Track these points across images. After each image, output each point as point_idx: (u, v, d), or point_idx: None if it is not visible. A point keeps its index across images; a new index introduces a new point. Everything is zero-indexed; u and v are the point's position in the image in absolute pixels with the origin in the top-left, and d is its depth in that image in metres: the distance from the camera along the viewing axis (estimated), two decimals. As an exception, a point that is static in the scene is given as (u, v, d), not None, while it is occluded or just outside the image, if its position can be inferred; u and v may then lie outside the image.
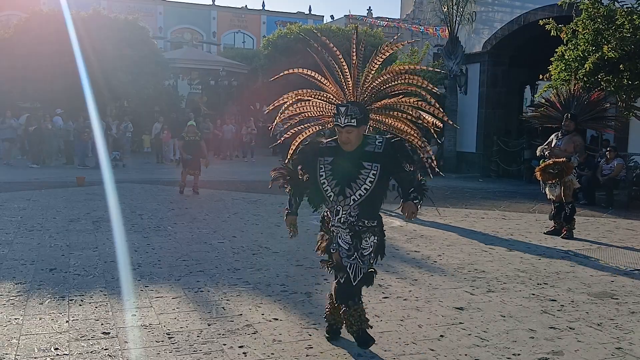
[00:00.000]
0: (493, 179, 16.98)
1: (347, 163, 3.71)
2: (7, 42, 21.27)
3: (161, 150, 20.40)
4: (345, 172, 3.72)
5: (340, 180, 3.72)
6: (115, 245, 6.91)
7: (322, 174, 3.78)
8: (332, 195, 3.75)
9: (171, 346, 3.87)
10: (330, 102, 3.92)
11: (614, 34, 10.29)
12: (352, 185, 3.70)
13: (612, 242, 7.94)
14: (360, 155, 3.71)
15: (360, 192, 3.69)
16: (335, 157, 3.76)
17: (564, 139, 8.16)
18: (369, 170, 3.69)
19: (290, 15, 42.42)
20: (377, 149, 3.70)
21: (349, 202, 3.71)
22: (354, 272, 3.75)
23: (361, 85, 3.80)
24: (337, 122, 3.68)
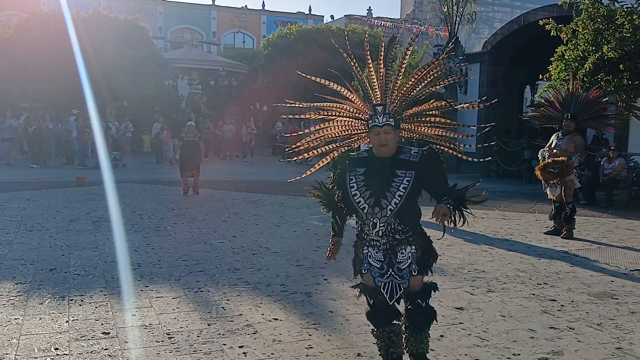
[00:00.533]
0: (493, 179, 16.98)
1: (380, 171, 3.47)
2: (7, 42, 21.28)
3: (161, 150, 20.41)
4: (379, 181, 3.46)
5: (374, 191, 3.44)
6: (115, 245, 6.91)
7: (354, 185, 3.48)
8: (366, 207, 3.45)
9: (171, 346, 3.87)
10: (355, 118, 3.61)
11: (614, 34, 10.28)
12: (387, 194, 3.42)
13: (612, 242, 7.94)
14: (393, 163, 3.48)
15: (396, 200, 3.41)
16: (367, 167, 3.50)
17: (565, 139, 8.14)
18: (402, 177, 3.45)
19: (290, 15, 42.42)
20: (413, 158, 3.49)
21: (386, 213, 3.42)
22: (389, 292, 3.45)
23: (390, 93, 3.52)
24: (375, 122, 3.44)
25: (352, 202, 3.49)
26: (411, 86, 3.56)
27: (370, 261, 3.48)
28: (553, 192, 8.20)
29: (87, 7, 24.14)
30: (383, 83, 3.51)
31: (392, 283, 3.44)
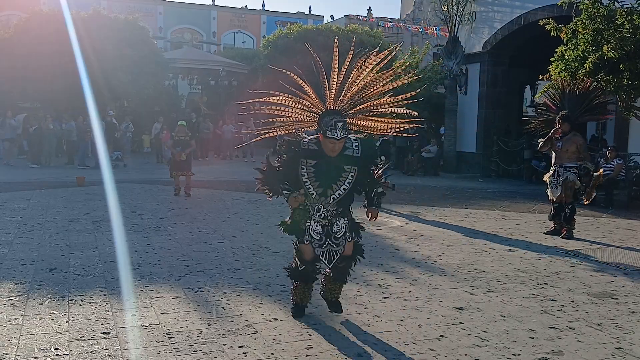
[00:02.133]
0: (493, 179, 16.98)
1: (330, 167, 4.15)
2: (7, 42, 21.27)
3: (161, 150, 20.39)
4: (328, 175, 4.16)
5: (322, 183, 4.16)
6: (115, 245, 6.91)
7: (305, 174, 4.19)
8: (314, 194, 4.19)
9: (171, 346, 3.87)
10: (309, 110, 4.25)
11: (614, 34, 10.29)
12: (333, 186, 4.17)
13: (612, 242, 7.94)
14: (341, 160, 4.15)
15: (340, 192, 4.19)
16: (318, 161, 4.16)
17: (564, 140, 8.08)
18: (348, 172, 4.18)
19: (290, 15, 42.40)
20: (356, 153, 4.19)
21: (329, 201, 4.20)
22: (327, 258, 4.28)
23: (342, 95, 4.15)
24: (333, 135, 4.02)
25: (302, 186, 4.20)
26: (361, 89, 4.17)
27: (312, 234, 4.27)
28: (554, 192, 8.17)
29: (87, 7, 24.14)
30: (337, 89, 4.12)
31: (330, 251, 4.28)
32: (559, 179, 8.10)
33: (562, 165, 8.10)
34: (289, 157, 4.21)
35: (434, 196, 12.77)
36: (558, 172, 8.12)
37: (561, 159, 8.12)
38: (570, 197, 8.10)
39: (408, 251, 7.03)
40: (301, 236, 4.31)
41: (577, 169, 8.07)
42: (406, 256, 6.76)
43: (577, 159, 8.10)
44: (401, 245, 7.38)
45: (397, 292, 5.24)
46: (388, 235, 7.96)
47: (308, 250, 4.30)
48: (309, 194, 4.19)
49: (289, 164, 4.23)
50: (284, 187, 4.25)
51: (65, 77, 19.50)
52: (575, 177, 8.07)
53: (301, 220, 4.29)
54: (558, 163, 8.15)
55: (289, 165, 4.23)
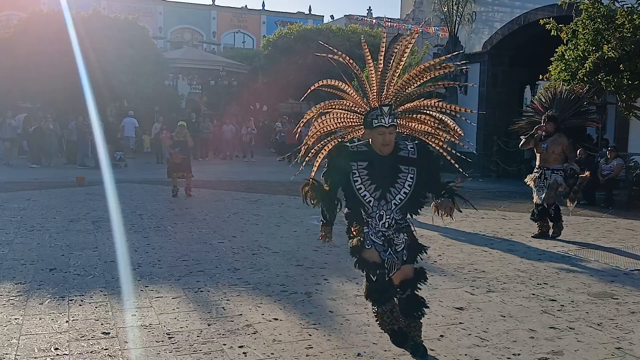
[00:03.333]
0: (493, 179, 16.98)
1: (385, 167, 3.63)
2: (7, 42, 21.29)
3: (161, 150, 20.40)
4: (383, 177, 3.63)
5: (379, 185, 3.63)
6: (115, 245, 6.91)
7: (357, 179, 3.64)
8: (371, 200, 3.63)
9: (171, 346, 3.87)
10: (352, 111, 3.76)
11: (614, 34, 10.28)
12: (392, 189, 3.63)
13: (612, 242, 7.93)
14: (396, 159, 3.65)
15: (401, 196, 3.64)
16: (370, 162, 3.64)
17: (549, 141, 7.94)
18: (406, 173, 3.66)
19: (290, 15, 42.41)
20: (412, 154, 3.68)
21: (391, 207, 3.64)
22: (389, 266, 3.65)
23: (385, 90, 3.67)
24: (380, 122, 3.55)
25: (357, 196, 3.64)
26: (406, 82, 3.70)
27: (373, 238, 3.65)
28: (539, 195, 8.00)
29: (87, 7, 24.15)
30: (381, 81, 3.63)
31: (391, 260, 3.65)
32: (545, 181, 7.96)
33: (548, 168, 7.96)
34: (337, 164, 3.65)
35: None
36: (545, 175, 7.98)
37: (547, 161, 7.97)
38: (552, 198, 7.96)
39: (408, 251, 7.02)
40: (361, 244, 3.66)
41: (563, 171, 7.95)
42: (406, 256, 6.75)
43: (563, 160, 7.97)
44: (401, 245, 7.37)
45: (397, 292, 5.24)
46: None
47: (373, 253, 3.63)
48: (366, 203, 3.63)
49: (338, 173, 3.66)
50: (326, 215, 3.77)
51: (65, 77, 19.51)
52: (562, 179, 7.95)
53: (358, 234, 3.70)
54: (544, 165, 8.01)
55: (338, 174, 3.66)
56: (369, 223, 3.66)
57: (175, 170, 11.43)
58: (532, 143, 8.09)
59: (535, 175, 8.12)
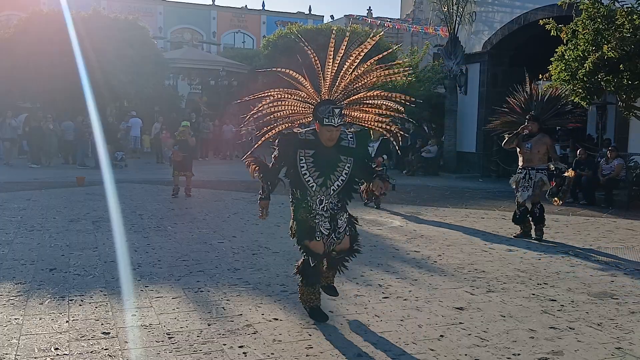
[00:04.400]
0: (493, 179, 16.98)
1: (328, 157, 4.19)
2: (7, 42, 21.27)
3: (161, 150, 20.41)
4: (326, 165, 4.20)
5: (322, 172, 4.20)
6: (115, 245, 6.91)
7: (304, 166, 4.21)
8: (314, 185, 4.22)
9: (171, 346, 3.87)
10: (304, 101, 4.30)
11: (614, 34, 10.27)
12: (331, 176, 4.22)
13: (612, 242, 7.94)
14: (338, 150, 4.22)
15: (339, 183, 4.25)
16: (316, 150, 4.19)
17: (533, 141, 7.88)
18: (344, 163, 4.24)
19: (290, 15, 42.39)
20: (351, 144, 4.26)
21: (330, 192, 4.25)
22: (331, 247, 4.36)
23: (336, 85, 4.22)
24: (330, 122, 4.07)
25: (301, 179, 4.24)
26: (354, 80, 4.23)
27: (322, 230, 4.28)
28: (524, 195, 7.88)
29: (87, 7, 24.14)
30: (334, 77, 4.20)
31: (333, 242, 4.35)
32: (530, 181, 7.88)
33: (533, 167, 7.89)
34: (286, 148, 4.21)
35: (434, 196, 12.77)
36: (530, 175, 7.89)
37: (531, 161, 7.89)
38: (537, 197, 7.90)
39: (408, 251, 7.03)
40: (312, 234, 4.29)
41: (548, 170, 7.88)
42: (406, 256, 6.76)
43: (547, 160, 7.90)
44: (401, 245, 7.38)
45: (397, 292, 5.24)
46: (388, 235, 7.96)
47: (320, 246, 4.31)
48: (309, 187, 4.22)
49: (286, 156, 4.23)
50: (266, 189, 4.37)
51: (65, 77, 19.51)
52: (547, 178, 7.87)
53: (308, 218, 4.29)
54: (528, 165, 7.93)
55: (286, 157, 4.24)
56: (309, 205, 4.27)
57: (177, 169, 11.42)
58: (515, 142, 8.03)
59: (519, 176, 8.01)
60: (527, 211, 7.94)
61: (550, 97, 8.29)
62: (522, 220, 8.03)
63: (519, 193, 7.95)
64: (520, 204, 7.97)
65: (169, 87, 26.12)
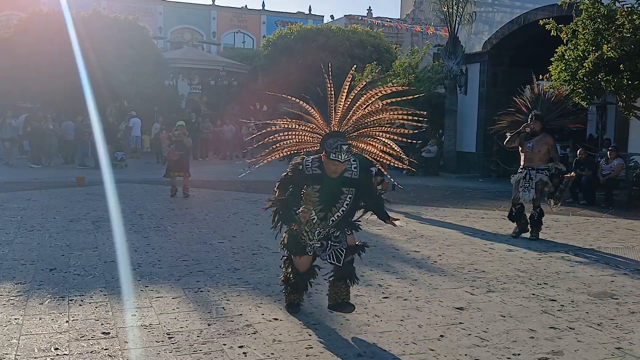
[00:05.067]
0: (493, 179, 16.97)
1: (331, 189, 4.24)
2: (7, 42, 21.28)
3: (161, 150, 20.40)
4: (329, 199, 4.25)
5: (325, 207, 4.26)
6: (115, 245, 6.91)
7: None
8: (315, 218, 4.26)
9: (171, 346, 3.87)
10: (313, 132, 4.41)
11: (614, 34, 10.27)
12: (333, 209, 4.27)
13: (612, 242, 7.93)
14: (341, 182, 4.24)
15: (338, 214, 4.28)
16: (322, 185, 4.23)
17: (535, 141, 7.84)
18: (346, 194, 4.28)
19: (290, 15, 42.39)
20: (354, 175, 4.25)
21: (329, 223, 4.29)
22: (335, 258, 4.34)
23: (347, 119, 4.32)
24: (337, 157, 4.09)
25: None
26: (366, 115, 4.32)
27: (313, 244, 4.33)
28: (525, 196, 7.84)
29: (87, 7, 24.15)
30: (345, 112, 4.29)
31: (335, 251, 4.33)
32: (531, 181, 7.83)
33: (533, 167, 7.84)
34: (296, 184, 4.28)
35: (434, 196, 12.77)
36: (530, 175, 7.85)
37: (532, 161, 7.85)
38: (539, 201, 7.85)
39: (408, 251, 7.03)
40: (301, 250, 4.36)
41: (548, 170, 7.83)
42: (406, 256, 6.76)
43: (547, 160, 7.86)
44: (401, 245, 7.38)
45: (397, 292, 5.24)
46: (388, 235, 7.96)
47: (305, 262, 4.41)
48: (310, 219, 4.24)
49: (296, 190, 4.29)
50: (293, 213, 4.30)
51: (65, 77, 19.51)
52: (547, 178, 7.83)
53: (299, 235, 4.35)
54: (529, 165, 7.88)
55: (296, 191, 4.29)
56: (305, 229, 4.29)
57: (173, 170, 11.40)
58: (517, 141, 7.99)
59: (520, 176, 7.96)
60: (522, 208, 7.95)
61: (556, 97, 8.28)
62: (518, 217, 8.01)
63: (521, 193, 7.92)
64: (516, 201, 7.96)
65: (169, 87, 26.12)
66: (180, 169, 11.40)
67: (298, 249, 4.37)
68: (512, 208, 8.06)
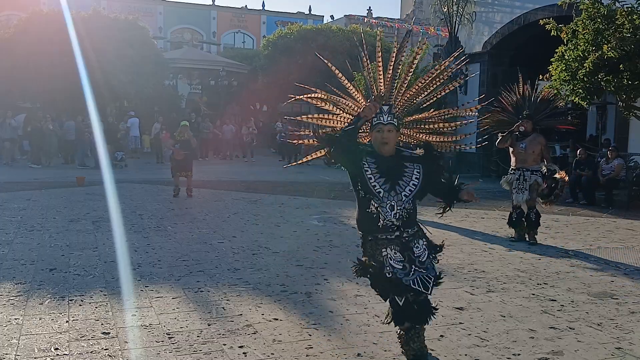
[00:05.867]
0: (493, 179, 16.96)
1: (390, 165, 3.60)
2: (7, 42, 21.28)
3: (161, 150, 20.41)
4: (390, 172, 3.59)
5: (388, 178, 3.57)
6: (115, 245, 6.91)
7: (368, 170, 3.57)
8: (381, 191, 3.54)
9: (171, 346, 3.87)
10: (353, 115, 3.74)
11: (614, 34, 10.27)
12: (400, 182, 3.58)
13: (612, 242, 7.93)
14: (400, 158, 3.66)
15: (410, 188, 3.59)
16: (377, 159, 3.60)
17: (527, 141, 7.72)
18: (412, 169, 3.63)
19: (290, 15, 42.41)
20: (414, 154, 3.70)
21: (402, 198, 3.55)
22: (422, 285, 3.58)
23: (395, 96, 3.72)
24: (379, 120, 3.55)
25: (368, 185, 3.55)
26: (415, 93, 3.76)
27: (392, 263, 3.53)
28: (519, 198, 7.71)
29: (87, 7, 24.16)
30: (390, 84, 3.67)
31: (421, 276, 3.57)
32: (525, 183, 7.67)
33: (527, 169, 7.69)
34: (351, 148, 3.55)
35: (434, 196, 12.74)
36: (524, 176, 7.69)
37: (526, 162, 7.70)
38: (534, 202, 7.74)
39: (408, 251, 7.01)
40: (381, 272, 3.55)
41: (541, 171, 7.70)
42: (406, 256, 6.75)
43: (540, 160, 7.74)
44: (401, 245, 7.36)
45: (397, 292, 5.23)
46: (388, 235, 7.94)
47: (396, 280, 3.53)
48: (376, 193, 3.52)
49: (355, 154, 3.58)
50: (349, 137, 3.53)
51: (65, 77, 19.52)
52: (542, 180, 7.68)
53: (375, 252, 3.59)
54: (522, 166, 7.73)
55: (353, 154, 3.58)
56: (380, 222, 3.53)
57: (178, 170, 11.41)
58: (509, 142, 7.85)
59: (512, 177, 7.81)
60: (523, 214, 7.81)
61: (542, 98, 8.17)
62: (518, 223, 7.83)
63: (514, 195, 7.80)
64: (516, 207, 7.84)
65: (169, 87, 26.12)
66: (184, 169, 11.40)
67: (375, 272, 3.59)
68: (512, 213, 7.91)
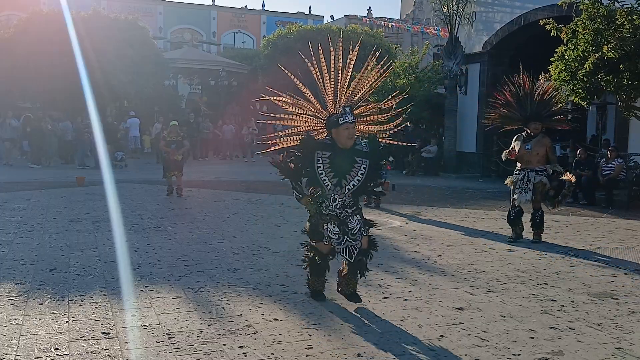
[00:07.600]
0: (493, 179, 16.96)
1: (343, 158, 4.50)
2: (7, 42, 21.28)
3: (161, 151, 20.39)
4: (341, 167, 4.50)
5: (337, 173, 4.49)
6: (115, 245, 6.91)
7: (320, 165, 4.51)
8: (329, 185, 4.51)
9: (171, 346, 3.87)
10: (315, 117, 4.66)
11: (614, 34, 10.27)
12: (347, 177, 4.50)
13: (612, 242, 7.93)
14: (353, 152, 4.52)
15: (354, 182, 4.53)
16: (332, 153, 4.49)
17: (533, 142, 7.67)
18: (360, 164, 4.53)
19: (290, 15, 42.41)
20: (365, 149, 4.57)
21: (345, 192, 4.54)
22: (348, 253, 4.60)
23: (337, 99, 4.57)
24: (345, 119, 4.40)
25: (317, 179, 4.54)
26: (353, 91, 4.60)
27: (330, 235, 4.59)
28: (522, 198, 7.67)
29: (87, 7, 24.15)
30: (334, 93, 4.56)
31: (349, 246, 4.60)
32: (529, 183, 7.64)
33: (532, 169, 7.65)
34: (306, 149, 4.51)
35: (434, 196, 12.77)
36: (529, 177, 7.66)
37: (531, 162, 7.66)
38: (539, 204, 7.72)
39: (408, 251, 7.03)
40: (320, 237, 4.63)
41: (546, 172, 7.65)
42: (406, 256, 6.76)
43: (545, 161, 7.68)
44: (401, 245, 7.38)
45: (397, 292, 5.24)
46: (388, 235, 7.96)
47: (325, 246, 4.68)
48: (324, 186, 4.52)
49: (305, 156, 4.53)
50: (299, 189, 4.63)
51: (65, 77, 19.51)
52: (547, 180, 7.64)
53: (319, 222, 4.61)
54: (527, 167, 7.69)
55: (305, 157, 4.53)
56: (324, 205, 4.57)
57: (171, 169, 11.40)
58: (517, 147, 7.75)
59: (517, 178, 7.79)
60: (521, 212, 7.81)
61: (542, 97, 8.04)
62: (516, 221, 7.83)
63: (517, 195, 7.77)
64: (514, 205, 7.83)
65: (169, 87, 26.11)
66: (177, 169, 11.42)
67: (317, 235, 4.63)
68: (511, 211, 7.90)
